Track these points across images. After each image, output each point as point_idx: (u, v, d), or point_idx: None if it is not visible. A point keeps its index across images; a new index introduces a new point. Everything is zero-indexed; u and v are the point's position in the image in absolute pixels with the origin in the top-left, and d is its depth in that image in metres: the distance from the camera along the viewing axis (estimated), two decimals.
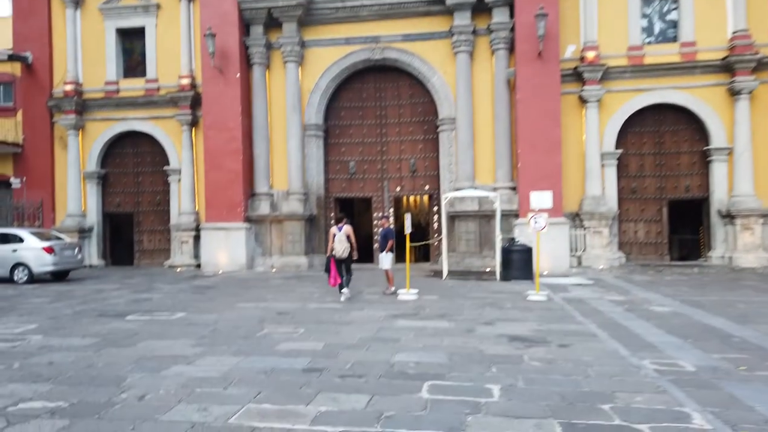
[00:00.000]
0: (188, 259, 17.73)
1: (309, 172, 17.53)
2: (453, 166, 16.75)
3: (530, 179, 15.48)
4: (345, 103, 17.96)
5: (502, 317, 8.32)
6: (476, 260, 16.11)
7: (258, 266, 17.09)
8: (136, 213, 19.04)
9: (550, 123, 15.44)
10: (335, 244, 10.28)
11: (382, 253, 11.22)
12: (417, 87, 17.52)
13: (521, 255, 13.53)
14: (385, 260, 11.16)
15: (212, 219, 16.98)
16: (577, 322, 7.89)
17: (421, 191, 17.89)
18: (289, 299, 10.52)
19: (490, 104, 16.49)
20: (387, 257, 11.17)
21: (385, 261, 11.17)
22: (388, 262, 11.17)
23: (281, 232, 17.17)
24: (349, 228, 10.50)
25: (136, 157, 19.09)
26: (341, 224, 10.60)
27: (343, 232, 10.39)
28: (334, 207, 18.14)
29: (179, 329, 7.69)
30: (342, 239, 10.31)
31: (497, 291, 11.37)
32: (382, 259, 11.20)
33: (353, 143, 17.95)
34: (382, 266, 11.20)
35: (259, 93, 17.36)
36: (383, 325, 7.82)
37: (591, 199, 16.10)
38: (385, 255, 11.16)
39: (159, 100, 18.31)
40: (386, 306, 9.54)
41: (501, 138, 16.27)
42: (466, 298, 10.34)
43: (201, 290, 12.17)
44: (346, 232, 10.40)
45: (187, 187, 18.02)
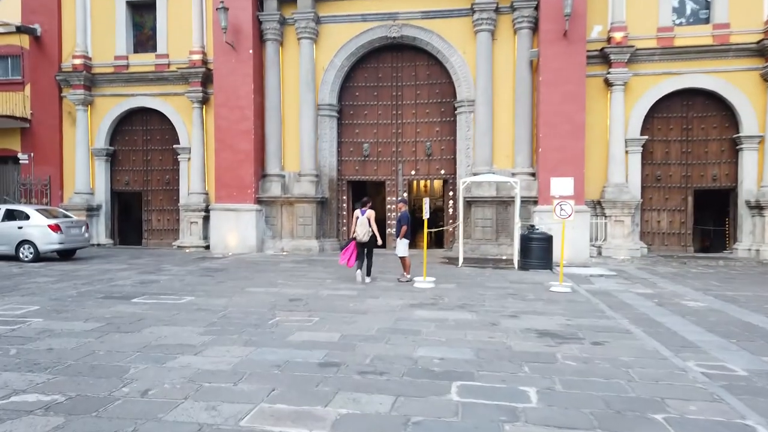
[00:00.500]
0: (197, 240, 17.38)
1: (322, 154, 17.06)
2: (470, 150, 16.20)
3: (551, 165, 14.91)
4: (360, 83, 17.40)
5: (527, 309, 7.86)
6: (492, 248, 15.63)
7: (268, 249, 16.71)
8: (145, 192, 18.68)
9: (574, 106, 14.81)
10: (357, 227, 10.27)
11: (398, 239, 10.75)
12: (435, 67, 16.91)
13: (541, 243, 13.02)
14: (401, 247, 10.70)
15: (222, 200, 16.58)
16: (608, 317, 7.41)
17: (436, 175, 17.36)
18: (301, 285, 10.11)
19: (510, 86, 15.87)
20: (403, 243, 10.70)
21: (401, 247, 10.71)
22: (404, 249, 10.71)
23: (292, 214, 16.76)
24: (371, 212, 10.44)
25: (146, 135, 18.68)
26: (365, 207, 10.51)
27: (365, 216, 10.32)
28: (347, 190, 17.67)
29: (187, 315, 7.30)
30: (364, 222, 10.27)
31: (517, 281, 10.90)
32: (398, 246, 10.74)
33: (368, 124, 17.43)
34: (398, 253, 10.74)
35: (272, 70, 16.83)
36: (401, 315, 7.39)
37: (613, 186, 15.51)
38: (401, 241, 10.69)
39: (169, 77, 17.84)
40: (403, 294, 9.10)
41: (521, 122, 15.68)
42: (485, 288, 9.88)
43: (210, 273, 11.81)
44: (368, 216, 10.34)
45: (197, 167, 17.61)
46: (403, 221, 10.75)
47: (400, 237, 10.68)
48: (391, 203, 17.37)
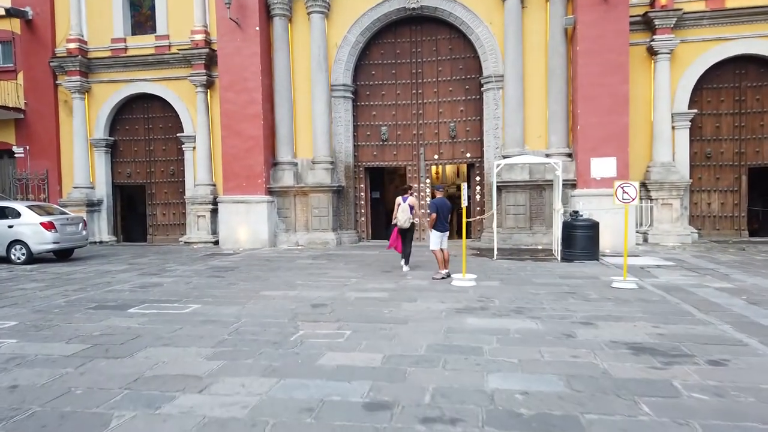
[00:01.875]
0: (205, 235, 16.16)
1: (336, 138, 15.73)
2: (499, 130, 14.79)
3: (591, 144, 13.51)
4: (376, 60, 16.01)
5: (599, 313, 6.54)
6: (526, 237, 14.27)
7: (281, 243, 15.46)
8: (149, 184, 17.47)
9: (617, 78, 13.35)
10: (399, 213, 10.21)
11: (432, 230, 9.44)
12: (458, 40, 15.47)
13: (586, 232, 11.64)
14: (432, 239, 9.39)
15: (230, 191, 15.34)
16: (703, 322, 6.07)
17: (461, 159, 15.98)
18: (323, 285, 8.84)
19: (543, 58, 14.42)
20: (434, 236, 9.39)
21: (432, 240, 9.39)
22: (435, 241, 9.39)
23: (306, 205, 15.48)
24: (413, 199, 10.34)
25: (147, 123, 17.43)
26: (406, 194, 10.44)
27: (407, 203, 10.22)
28: (365, 177, 16.35)
29: (192, 329, 6.05)
30: (406, 209, 10.16)
31: (567, 275, 9.55)
32: (431, 238, 9.43)
33: (385, 105, 16.05)
34: (432, 246, 9.43)
35: (280, 49, 15.47)
36: (450, 324, 6.09)
37: (660, 166, 14.06)
38: (432, 233, 9.38)
39: (171, 59, 16.55)
40: (443, 295, 7.80)
41: (555, 97, 14.24)
42: (535, 285, 8.55)
43: (219, 272, 10.57)
44: (410, 203, 10.23)
45: (203, 156, 16.35)
46: (432, 209, 9.42)
47: (429, 227, 9.37)
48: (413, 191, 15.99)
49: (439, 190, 9.86)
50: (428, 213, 9.52)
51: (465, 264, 8.94)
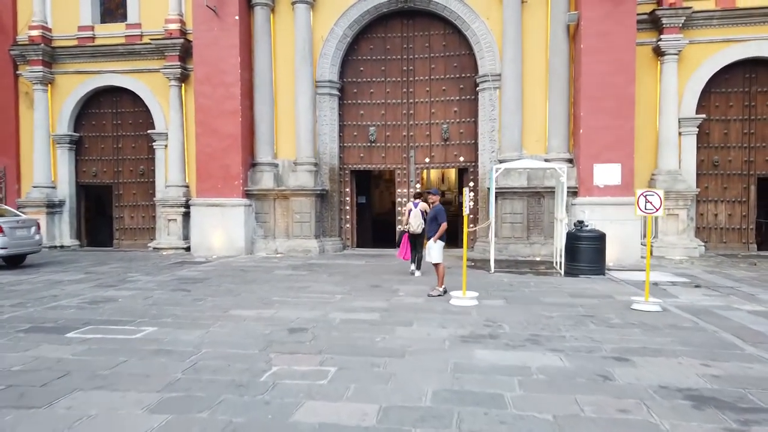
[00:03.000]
0: (176, 241, 14.90)
1: (321, 139, 14.61)
2: (495, 132, 13.81)
3: (594, 149, 12.60)
4: (365, 56, 14.94)
5: (629, 344, 5.52)
6: (523, 247, 13.29)
7: (259, 251, 14.27)
8: (116, 185, 16.15)
9: (623, 78, 12.47)
10: (411, 219, 10.27)
11: (430, 240, 8.39)
12: (453, 36, 14.48)
13: (592, 243, 10.67)
14: (436, 251, 8.34)
15: (204, 193, 14.12)
16: (756, 358, 5.09)
17: (454, 163, 14.97)
18: (303, 303, 7.72)
19: (543, 57, 13.50)
20: (438, 247, 8.35)
21: (435, 251, 8.34)
22: (438, 254, 8.35)
23: (287, 210, 14.32)
24: (425, 205, 10.23)
25: (116, 119, 16.13)
26: (418, 200, 10.45)
27: (418, 208, 10.26)
28: (350, 180, 15.24)
29: (138, 364, 4.89)
30: (417, 215, 10.22)
31: (577, 293, 8.55)
32: (430, 250, 8.37)
33: (374, 104, 14.98)
34: (432, 259, 8.36)
35: (262, 41, 14.33)
36: (457, 358, 5.03)
37: (666, 174, 13.19)
38: (436, 244, 8.33)
39: (142, 50, 15.30)
40: (442, 318, 6.73)
41: (556, 99, 13.31)
42: (544, 306, 7.53)
43: (186, 285, 9.37)
44: (421, 208, 10.24)
45: (176, 155, 15.10)
46: (441, 218, 8.39)
47: (435, 238, 8.31)
48: (402, 196, 14.97)
49: (434, 195, 8.81)
50: (431, 221, 8.43)
51: (465, 280, 7.87)
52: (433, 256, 8.32)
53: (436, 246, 8.30)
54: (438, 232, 8.33)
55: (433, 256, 8.32)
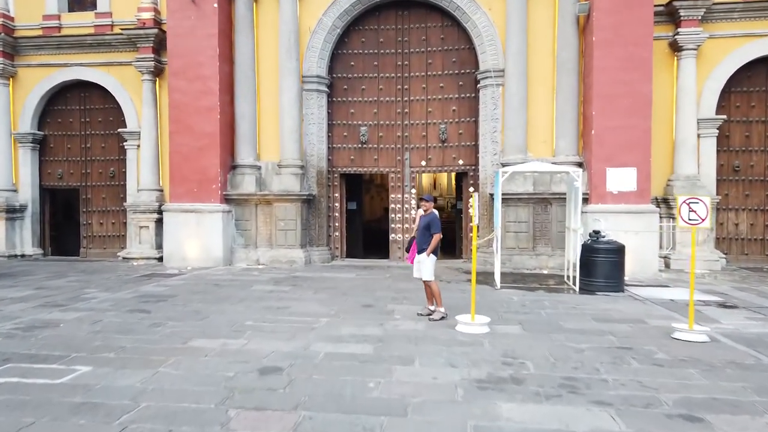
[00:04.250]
0: (148, 250, 13.56)
1: (308, 139, 13.37)
2: (498, 133, 12.66)
3: (607, 152, 11.49)
4: (356, 49, 13.75)
5: (691, 392, 4.34)
6: (528, 259, 12.13)
7: (239, 261, 12.98)
8: (84, 188, 14.80)
9: (639, 74, 11.37)
10: None
11: (421, 254, 7.16)
12: (451, 29, 13.34)
13: (609, 257, 9.52)
14: (428, 266, 7.11)
15: (178, 198, 12.82)
16: None
17: (453, 166, 13.78)
18: (281, 329, 6.47)
19: (550, 51, 12.39)
20: (431, 262, 7.13)
21: (427, 268, 7.11)
22: (431, 269, 7.13)
23: (270, 216, 13.06)
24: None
25: (84, 116, 14.79)
26: None
27: None
28: (340, 185, 14.01)
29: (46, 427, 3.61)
30: None
31: (602, 316, 7.37)
32: (423, 265, 7.13)
33: (366, 102, 13.79)
34: (423, 275, 7.14)
35: (243, 32, 13.09)
36: (476, 417, 3.82)
37: (684, 180, 12.09)
38: (428, 258, 7.11)
39: (113, 41, 14.00)
40: (450, 351, 5.52)
41: (565, 96, 12.20)
42: (568, 333, 6.34)
43: (147, 304, 8.07)
44: None
45: (149, 156, 13.79)
46: (434, 227, 7.19)
47: (429, 251, 7.09)
48: (396, 202, 13.77)
49: (428, 201, 7.53)
50: (424, 231, 7.22)
51: (474, 303, 6.65)
52: (425, 272, 7.09)
53: (429, 261, 7.07)
54: (431, 244, 7.11)
55: (425, 272, 7.09)
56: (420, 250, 7.22)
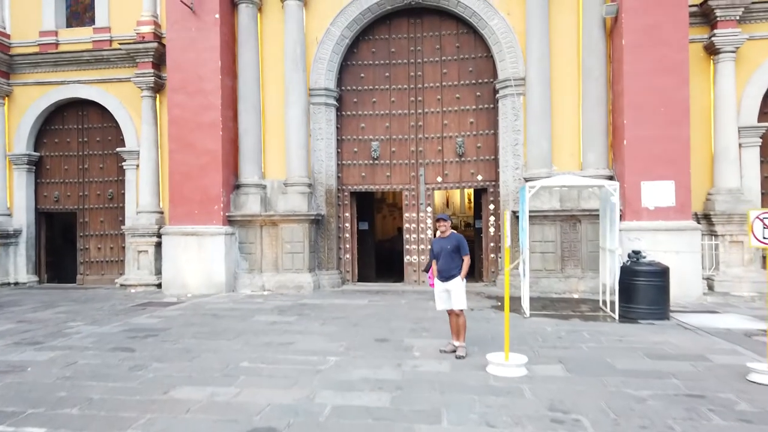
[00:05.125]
0: (147, 276, 12.73)
1: (316, 156, 12.54)
2: (519, 146, 11.74)
3: (641, 164, 10.52)
4: (366, 60, 12.98)
5: None
6: (556, 283, 11.11)
7: (243, 287, 12.09)
8: (81, 211, 14.04)
9: (674, 79, 10.45)
10: None
11: (451, 280, 6.17)
12: (467, 36, 12.54)
13: (652, 280, 8.50)
14: (461, 293, 6.15)
15: (178, 220, 12.00)
16: None
17: (471, 182, 12.84)
18: (282, 372, 5.54)
19: (575, 57, 11.52)
20: (464, 288, 6.18)
21: (460, 295, 6.14)
22: (464, 297, 6.17)
23: (276, 238, 12.18)
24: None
25: (82, 136, 14.11)
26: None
27: None
28: (350, 204, 13.12)
29: None
30: None
31: (654, 351, 6.34)
32: (454, 292, 6.14)
33: (377, 116, 12.96)
34: (457, 304, 6.16)
35: (247, 43, 12.38)
36: None
37: (726, 193, 11.04)
38: (462, 284, 6.16)
39: (112, 57, 13.36)
40: (483, 402, 4.54)
41: (592, 105, 11.28)
42: (620, 375, 5.33)
43: (134, 340, 7.18)
44: None
45: (149, 176, 13.02)
46: (464, 249, 6.24)
47: (462, 275, 6.14)
48: (410, 221, 12.85)
49: (445, 221, 6.52)
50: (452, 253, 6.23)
51: (508, 339, 5.66)
52: (457, 300, 6.12)
53: (462, 287, 6.12)
54: (463, 268, 6.17)
55: (457, 300, 6.12)
56: (449, 276, 6.21)
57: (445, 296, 6.23)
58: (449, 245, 6.25)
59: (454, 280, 6.12)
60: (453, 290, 6.13)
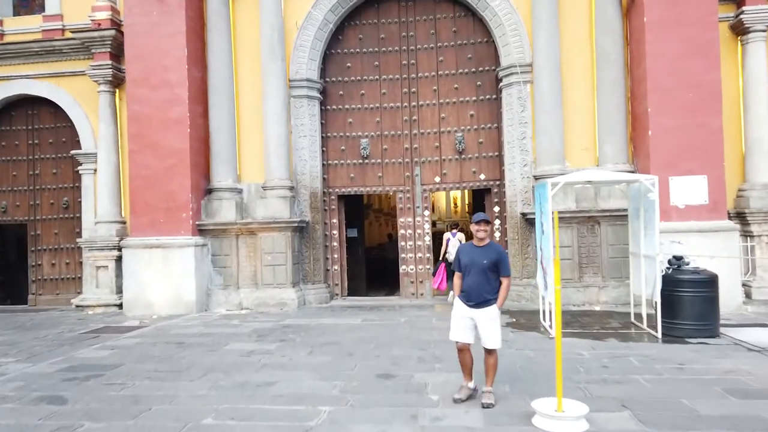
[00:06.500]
0: (107, 295, 11.14)
1: (298, 155, 11.12)
2: (527, 140, 10.45)
3: (668, 157, 9.27)
4: (353, 48, 11.61)
5: None
6: (574, 293, 9.78)
7: (217, 305, 10.58)
8: (32, 223, 12.40)
9: (702, 62, 9.24)
10: (451, 248, 9.78)
11: (488, 307, 4.67)
12: (465, 19, 11.26)
13: (700, 291, 7.23)
14: (496, 327, 4.70)
15: (141, 231, 10.47)
16: None
17: (473, 182, 11.49)
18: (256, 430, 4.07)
19: (588, 39, 10.31)
20: (498, 320, 4.75)
21: (495, 329, 4.68)
22: (499, 332, 4.74)
23: (255, 249, 10.71)
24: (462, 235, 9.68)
25: (32, 137, 12.49)
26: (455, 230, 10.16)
27: (457, 238, 9.98)
28: (338, 208, 11.70)
29: None
30: (456, 244, 9.58)
31: (731, 384, 5.02)
32: (487, 325, 4.67)
33: (366, 109, 11.59)
34: (490, 341, 4.67)
35: (217, 29, 10.93)
36: None
37: (761, 188, 9.86)
38: (497, 315, 4.72)
39: (64, 47, 11.83)
40: None
41: (609, 92, 10.05)
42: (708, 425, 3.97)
43: (71, 384, 5.66)
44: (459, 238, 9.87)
45: (108, 182, 11.46)
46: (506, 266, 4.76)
47: (500, 303, 4.70)
48: (406, 227, 11.46)
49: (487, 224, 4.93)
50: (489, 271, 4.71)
51: (561, 379, 4.27)
52: (492, 336, 4.66)
53: (498, 319, 4.71)
54: (502, 293, 4.74)
55: (492, 336, 4.66)
56: (481, 301, 4.68)
57: (468, 325, 4.73)
58: (485, 259, 4.71)
59: (488, 308, 4.67)
60: (485, 322, 4.67)
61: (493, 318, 4.66)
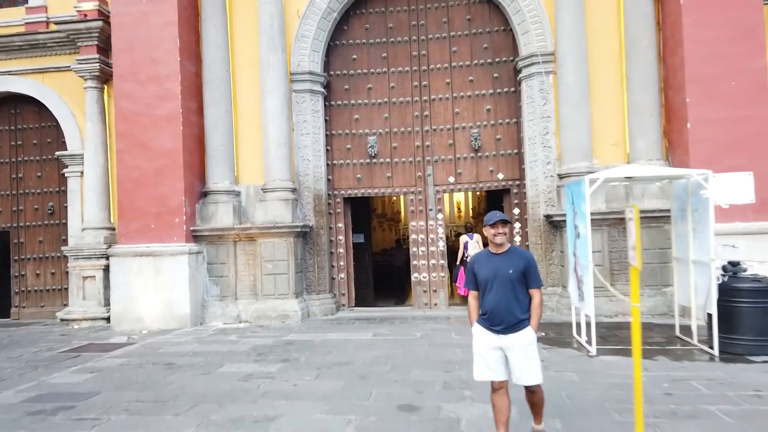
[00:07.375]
0: (94, 308, 10.26)
1: (300, 154, 10.26)
2: (550, 135, 9.61)
3: (708, 152, 8.41)
4: (359, 39, 10.77)
5: None
6: (605, 303, 8.88)
7: (213, 318, 9.69)
8: (16, 230, 11.55)
9: (746, 47, 8.42)
10: (471, 250, 9.71)
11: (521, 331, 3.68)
12: (480, 6, 10.43)
13: (758, 301, 6.31)
14: (535, 358, 3.72)
15: (130, 238, 9.60)
16: None
17: (490, 182, 10.60)
18: None
19: (616, 24, 9.48)
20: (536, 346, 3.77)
21: (534, 360, 3.70)
22: (538, 362, 3.76)
23: (254, 257, 9.82)
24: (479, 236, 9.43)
25: (15, 138, 11.66)
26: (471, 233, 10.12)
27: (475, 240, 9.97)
28: (343, 212, 10.83)
29: None
30: (475, 246, 9.79)
31: None
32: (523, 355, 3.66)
33: (374, 105, 10.74)
34: (528, 377, 3.68)
35: (213, 20, 10.10)
36: None
37: None
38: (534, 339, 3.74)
39: (49, 41, 11.01)
40: None
41: (640, 83, 9.20)
42: None
43: (35, 421, 4.78)
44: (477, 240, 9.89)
45: (96, 185, 10.63)
46: (535, 277, 3.82)
47: (535, 326, 3.74)
48: (417, 231, 10.58)
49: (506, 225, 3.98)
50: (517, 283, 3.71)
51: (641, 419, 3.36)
52: (531, 371, 3.66)
53: (535, 344, 3.72)
54: (535, 311, 3.75)
55: (531, 371, 3.66)
56: (511, 324, 3.68)
57: (497, 358, 3.68)
58: (510, 268, 3.71)
59: (521, 332, 3.68)
60: (519, 351, 3.66)
61: (531, 344, 3.68)
